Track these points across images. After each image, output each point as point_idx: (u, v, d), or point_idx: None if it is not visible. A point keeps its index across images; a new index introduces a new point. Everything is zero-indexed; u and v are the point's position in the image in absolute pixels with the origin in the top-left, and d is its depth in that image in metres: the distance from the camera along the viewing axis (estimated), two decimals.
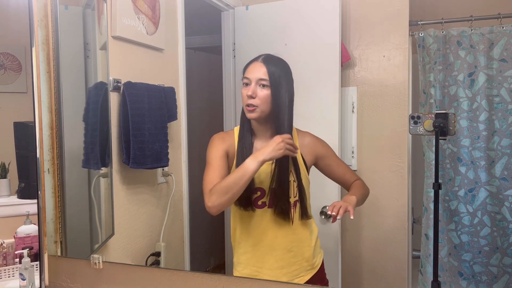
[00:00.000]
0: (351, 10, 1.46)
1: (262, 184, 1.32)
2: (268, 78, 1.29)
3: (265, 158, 1.23)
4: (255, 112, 1.30)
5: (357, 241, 1.48)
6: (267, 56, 1.32)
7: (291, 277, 1.34)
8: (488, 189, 1.34)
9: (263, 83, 1.29)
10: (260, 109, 1.30)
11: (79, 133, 1.64)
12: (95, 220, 1.66)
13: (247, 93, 1.30)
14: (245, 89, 1.31)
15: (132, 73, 1.60)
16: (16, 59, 1.86)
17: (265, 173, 1.31)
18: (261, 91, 1.29)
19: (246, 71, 1.33)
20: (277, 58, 1.32)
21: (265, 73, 1.29)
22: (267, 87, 1.29)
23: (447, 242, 1.39)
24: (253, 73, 1.30)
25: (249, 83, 1.30)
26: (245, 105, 1.31)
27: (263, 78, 1.29)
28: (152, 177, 1.69)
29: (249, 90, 1.29)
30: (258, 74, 1.30)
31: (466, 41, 1.35)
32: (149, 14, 1.65)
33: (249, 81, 1.30)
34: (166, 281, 1.44)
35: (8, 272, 1.68)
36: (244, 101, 1.31)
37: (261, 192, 1.32)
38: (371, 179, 1.45)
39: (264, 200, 1.32)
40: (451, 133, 1.22)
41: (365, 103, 1.45)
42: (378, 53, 1.43)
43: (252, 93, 1.29)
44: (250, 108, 1.30)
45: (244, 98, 1.31)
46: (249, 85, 1.30)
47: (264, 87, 1.29)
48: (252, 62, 1.33)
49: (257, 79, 1.29)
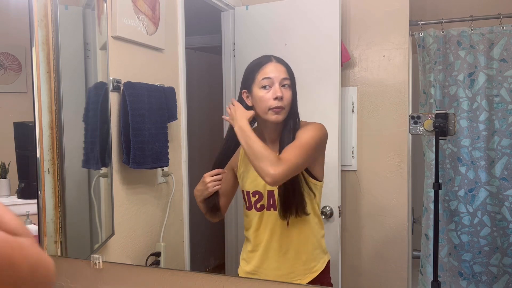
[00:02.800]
0: (351, 10, 1.46)
1: (259, 187, 1.31)
2: (289, 77, 1.26)
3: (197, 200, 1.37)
4: (281, 114, 1.25)
5: (357, 241, 1.48)
6: (274, 56, 1.29)
7: (286, 280, 1.32)
8: (488, 189, 1.34)
9: (286, 83, 1.26)
10: (285, 111, 1.26)
11: (79, 133, 1.64)
12: (95, 220, 1.66)
13: (274, 95, 1.24)
14: (266, 91, 1.25)
15: (132, 73, 1.60)
16: (16, 59, 1.86)
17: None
18: (286, 93, 1.25)
19: (262, 72, 1.26)
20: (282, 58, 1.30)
21: (285, 72, 1.26)
22: (289, 87, 1.26)
23: (447, 242, 1.39)
24: (275, 73, 1.25)
25: (271, 85, 1.25)
26: (268, 108, 1.25)
27: (286, 77, 1.26)
28: (152, 177, 1.69)
29: (276, 92, 1.23)
30: (281, 74, 1.25)
31: (466, 41, 1.35)
32: (149, 14, 1.65)
33: (272, 82, 1.24)
34: (166, 281, 1.44)
35: None
36: (268, 104, 1.24)
37: (258, 195, 1.32)
38: (371, 179, 1.45)
39: (262, 203, 1.31)
40: (451, 133, 1.22)
41: (365, 103, 1.44)
42: (378, 53, 1.43)
43: (281, 94, 1.23)
44: (278, 109, 1.24)
45: (268, 101, 1.24)
46: (271, 87, 1.25)
47: (286, 87, 1.26)
48: (267, 63, 1.27)
49: (280, 78, 1.25)
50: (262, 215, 1.32)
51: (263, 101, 1.26)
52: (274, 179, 1.17)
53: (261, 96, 1.26)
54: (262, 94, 1.26)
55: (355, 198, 1.47)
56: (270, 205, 1.31)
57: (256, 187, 1.32)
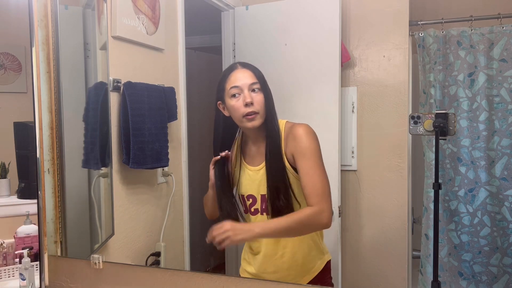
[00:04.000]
0: (351, 10, 1.46)
1: (252, 191, 1.30)
2: (258, 81, 1.24)
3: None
4: (257, 119, 1.24)
5: (357, 241, 1.48)
6: (240, 62, 1.28)
7: (285, 282, 1.32)
8: (488, 189, 1.34)
9: (255, 87, 1.24)
10: (260, 115, 1.24)
11: (79, 133, 1.64)
12: (95, 220, 1.66)
13: (244, 102, 1.22)
14: (236, 100, 1.24)
15: (132, 73, 1.60)
16: (16, 59, 1.86)
17: (253, 181, 1.30)
18: (256, 97, 1.23)
19: (229, 81, 1.25)
20: (248, 63, 1.28)
21: (253, 76, 1.25)
22: (259, 91, 1.24)
23: (447, 242, 1.39)
24: (241, 80, 1.24)
25: (239, 92, 1.24)
26: (242, 116, 1.24)
27: (254, 82, 1.24)
28: (152, 177, 1.69)
29: (245, 98, 1.22)
30: (248, 80, 1.24)
31: (466, 41, 1.35)
32: (149, 14, 1.65)
33: (240, 90, 1.24)
34: (166, 281, 1.44)
35: (8, 272, 1.68)
36: (241, 111, 1.23)
37: (252, 199, 1.31)
38: (371, 179, 1.45)
39: (256, 207, 1.31)
40: (451, 133, 1.22)
41: (365, 103, 1.44)
42: (378, 53, 1.43)
43: (251, 100, 1.22)
44: (251, 116, 1.23)
45: (240, 108, 1.23)
46: (240, 94, 1.24)
47: (256, 92, 1.24)
48: (232, 71, 1.26)
49: (248, 84, 1.24)
50: (256, 219, 1.32)
51: (235, 110, 1.25)
52: (329, 220, 1.19)
53: (233, 105, 1.25)
54: (233, 103, 1.25)
55: (355, 198, 1.47)
56: (263, 209, 1.30)
57: (250, 191, 1.31)
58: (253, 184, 1.30)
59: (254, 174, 1.30)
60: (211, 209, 1.37)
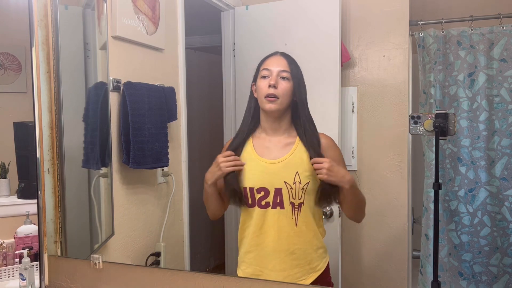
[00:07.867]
0: (351, 10, 1.46)
1: (266, 184, 1.28)
2: (289, 70, 1.28)
3: (208, 182, 1.31)
4: (275, 103, 1.27)
5: (357, 241, 1.48)
6: (281, 51, 1.32)
7: (292, 280, 1.31)
8: (488, 189, 1.34)
9: (284, 75, 1.28)
10: (280, 101, 1.27)
11: (79, 133, 1.64)
12: (95, 220, 1.66)
13: (268, 83, 1.27)
14: (264, 81, 1.29)
15: (132, 73, 1.60)
16: (16, 59, 1.86)
17: (269, 173, 1.28)
18: (282, 83, 1.28)
19: (264, 63, 1.31)
20: (289, 54, 1.32)
21: (286, 65, 1.29)
22: (288, 80, 1.28)
23: (447, 242, 1.39)
24: (274, 65, 1.29)
25: (269, 75, 1.28)
26: (264, 96, 1.27)
27: (285, 70, 1.28)
28: (152, 177, 1.69)
29: (271, 80, 1.27)
30: (279, 66, 1.28)
31: (466, 41, 1.35)
32: (149, 14, 1.65)
33: (270, 73, 1.28)
34: (166, 281, 1.44)
35: (8, 272, 1.68)
36: (264, 91, 1.28)
37: (264, 192, 1.28)
38: (371, 179, 1.45)
39: (268, 200, 1.28)
40: (451, 133, 1.22)
41: (365, 103, 1.45)
42: (378, 53, 1.43)
43: (274, 83, 1.26)
44: (271, 98, 1.27)
45: (264, 89, 1.28)
46: (268, 77, 1.28)
47: (284, 80, 1.28)
48: (270, 56, 1.32)
49: (278, 70, 1.28)
50: (265, 213, 1.29)
51: (260, 89, 1.30)
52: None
53: (259, 85, 1.30)
54: (260, 83, 1.30)
55: None
56: (277, 203, 1.28)
57: (262, 184, 1.29)
58: (267, 176, 1.28)
59: (270, 166, 1.29)
60: (214, 208, 1.37)
